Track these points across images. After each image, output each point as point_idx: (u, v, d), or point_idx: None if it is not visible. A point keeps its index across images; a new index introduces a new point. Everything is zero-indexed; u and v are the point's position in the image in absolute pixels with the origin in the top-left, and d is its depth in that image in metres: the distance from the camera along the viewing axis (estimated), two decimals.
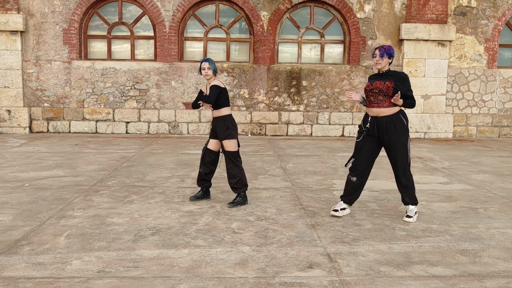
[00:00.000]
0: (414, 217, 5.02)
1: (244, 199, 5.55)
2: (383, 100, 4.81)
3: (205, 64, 5.47)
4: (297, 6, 11.92)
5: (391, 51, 4.85)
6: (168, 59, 11.73)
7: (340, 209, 5.14)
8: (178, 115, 11.85)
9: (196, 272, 3.65)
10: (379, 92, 4.79)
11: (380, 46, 4.90)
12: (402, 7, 11.90)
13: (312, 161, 8.50)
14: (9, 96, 11.54)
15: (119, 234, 4.48)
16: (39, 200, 5.60)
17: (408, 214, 5.04)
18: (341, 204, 5.19)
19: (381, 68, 4.90)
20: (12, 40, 11.39)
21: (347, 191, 5.16)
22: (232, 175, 5.48)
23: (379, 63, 4.86)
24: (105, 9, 11.82)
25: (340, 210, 5.13)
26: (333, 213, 5.12)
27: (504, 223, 5.02)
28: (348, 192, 5.15)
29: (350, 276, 3.61)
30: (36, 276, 3.53)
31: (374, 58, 4.88)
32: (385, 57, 4.83)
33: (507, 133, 12.47)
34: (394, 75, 4.86)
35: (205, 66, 5.47)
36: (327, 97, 11.98)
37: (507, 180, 7.18)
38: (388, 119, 4.82)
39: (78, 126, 11.74)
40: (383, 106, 4.81)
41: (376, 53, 4.86)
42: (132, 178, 6.88)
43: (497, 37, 12.16)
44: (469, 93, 12.28)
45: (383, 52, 4.82)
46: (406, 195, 5.03)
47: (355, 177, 5.07)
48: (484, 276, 3.66)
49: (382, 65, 4.86)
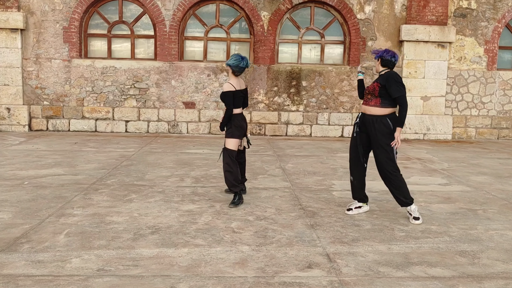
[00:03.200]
0: (420, 217, 5.00)
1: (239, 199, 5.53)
2: (370, 99, 5.03)
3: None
4: (298, 7, 11.93)
5: (381, 53, 5.05)
6: (168, 58, 11.73)
7: (354, 207, 5.31)
8: (177, 114, 11.85)
9: (196, 271, 3.65)
10: (368, 92, 5.05)
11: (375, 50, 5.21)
12: (402, 8, 11.91)
13: (311, 161, 8.51)
14: (9, 94, 11.53)
15: (119, 232, 4.48)
16: (39, 198, 5.60)
17: (414, 216, 5.00)
18: (355, 203, 5.37)
19: (376, 70, 5.17)
20: (12, 38, 11.38)
21: (353, 191, 5.36)
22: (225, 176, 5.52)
23: (375, 66, 5.21)
24: (106, 7, 11.81)
25: (354, 208, 5.30)
26: (347, 212, 5.31)
27: (503, 225, 5.03)
28: (355, 191, 5.34)
29: (349, 276, 3.62)
30: (35, 274, 3.53)
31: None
32: (376, 59, 5.12)
33: (506, 135, 12.49)
34: (384, 76, 4.99)
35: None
36: (327, 98, 11.99)
37: (506, 182, 7.20)
38: (373, 118, 4.97)
39: (78, 124, 11.73)
40: (369, 104, 5.02)
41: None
42: (131, 177, 6.88)
43: (497, 39, 12.18)
44: (468, 94, 12.30)
45: (376, 55, 5.12)
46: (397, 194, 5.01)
47: (352, 177, 5.29)
48: (483, 278, 3.67)
49: (377, 67, 5.14)
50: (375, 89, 4.94)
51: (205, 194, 6.02)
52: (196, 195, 5.96)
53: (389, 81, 4.88)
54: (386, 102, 4.94)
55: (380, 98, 4.93)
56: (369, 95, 5.00)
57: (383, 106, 4.94)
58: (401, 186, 5.00)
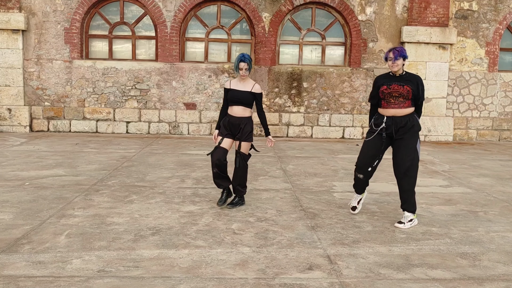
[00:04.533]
0: (406, 224, 4.91)
1: (243, 200, 5.59)
2: (403, 101, 4.88)
3: (244, 65, 5.22)
4: (299, 8, 11.94)
5: (405, 53, 4.87)
6: (169, 59, 11.74)
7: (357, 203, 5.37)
8: (178, 115, 11.85)
9: (196, 272, 3.65)
10: (399, 96, 4.86)
11: (393, 48, 4.88)
12: (403, 9, 11.91)
13: (312, 162, 8.51)
14: (10, 95, 11.54)
15: (119, 233, 4.48)
16: (40, 199, 5.60)
17: (401, 220, 4.98)
18: (355, 198, 5.40)
19: (397, 71, 4.89)
20: (14, 38, 11.40)
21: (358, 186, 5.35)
22: (239, 177, 5.41)
23: (396, 65, 4.85)
24: (107, 8, 11.83)
25: (357, 204, 5.37)
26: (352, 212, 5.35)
27: (504, 227, 5.02)
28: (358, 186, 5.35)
29: (350, 278, 3.62)
30: (36, 274, 3.53)
31: (390, 61, 4.85)
32: (399, 59, 4.83)
33: (507, 136, 12.48)
34: (411, 79, 4.88)
35: (244, 67, 5.22)
36: (328, 99, 11.99)
37: (507, 183, 7.19)
38: (406, 119, 4.89)
39: (79, 125, 11.74)
40: (403, 107, 4.88)
41: (390, 56, 4.84)
42: (132, 178, 6.88)
43: (498, 41, 12.18)
44: (469, 96, 12.29)
45: (397, 54, 4.81)
46: (405, 198, 4.97)
47: (361, 175, 5.18)
48: (484, 280, 3.66)
49: (399, 67, 4.86)
50: (409, 93, 4.84)
51: (206, 195, 6.02)
52: (197, 196, 5.96)
53: (419, 85, 4.88)
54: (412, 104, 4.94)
55: (411, 101, 4.91)
56: (401, 98, 4.85)
57: (411, 107, 4.93)
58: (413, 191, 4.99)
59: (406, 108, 4.88)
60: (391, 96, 4.89)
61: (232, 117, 5.36)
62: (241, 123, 5.32)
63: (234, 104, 5.33)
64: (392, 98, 4.89)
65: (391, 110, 4.91)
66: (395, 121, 4.90)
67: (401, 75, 4.91)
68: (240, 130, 5.33)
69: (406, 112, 4.89)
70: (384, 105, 4.96)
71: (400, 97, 4.86)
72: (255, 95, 5.33)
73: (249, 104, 5.34)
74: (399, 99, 4.87)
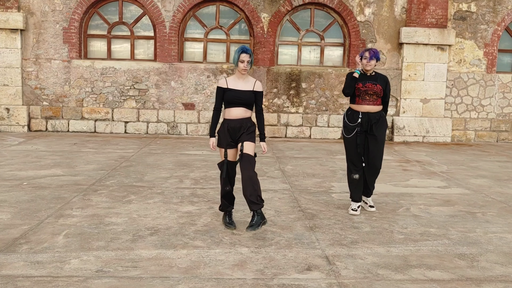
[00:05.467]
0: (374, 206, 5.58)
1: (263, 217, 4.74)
2: (376, 99, 5.34)
3: (246, 57, 4.59)
4: (298, 9, 11.94)
5: (378, 55, 5.31)
6: (168, 60, 11.73)
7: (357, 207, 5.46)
8: (177, 115, 11.85)
9: (195, 272, 3.65)
10: (374, 94, 5.31)
11: (369, 48, 5.36)
12: (402, 11, 11.92)
13: (310, 163, 8.51)
14: (8, 94, 11.52)
15: (118, 234, 4.48)
16: (38, 199, 5.60)
17: (370, 204, 5.56)
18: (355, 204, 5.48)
19: (369, 70, 5.31)
20: (12, 38, 11.38)
21: (354, 190, 5.46)
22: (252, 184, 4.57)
23: (369, 65, 5.28)
24: (106, 8, 11.82)
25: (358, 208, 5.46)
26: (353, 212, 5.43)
27: (501, 228, 5.03)
28: (355, 191, 5.45)
29: (348, 279, 3.62)
30: (34, 274, 3.53)
31: (365, 60, 5.27)
32: (373, 60, 5.27)
33: (505, 137, 12.50)
34: (381, 79, 5.38)
35: (246, 59, 4.59)
36: (326, 100, 12.00)
37: (505, 184, 7.20)
38: (378, 115, 5.37)
39: (77, 125, 11.73)
40: (376, 104, 5.35)
41: (366, 55, 5.26)
42: (130, 178, 6.87)
43: (496, 42, 12.20)
44: (468, 97, 12.31)
45: (372, 55, 5.25)
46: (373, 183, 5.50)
47: (357, 174, 5.39)
48: (482, 281, 3.67)
49: (372, 66, 5.29)
50: (382, 91, 5.32)
51: (204, 195, 6.02)
52: (195, 196, 5.96)
53: (388, 85, 5.40)
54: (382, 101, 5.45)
55: (380, 98, 5.39)
56: (374, 95, 5.31)
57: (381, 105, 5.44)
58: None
59: (378, 105, 5.36)
60: (366, 93, 5.30)
61: (232, 121, 4.68)
62: (242, 125, 4.70)
63: (234, 106, 4.67)
64: (367, 96, 5.30)
65: (366, 107, 5.33)
66: (369, 117, 5.32)
67: (371, 75, 5.36)
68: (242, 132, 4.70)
69: (378, 109, 5.37)
70: (359, 101, 5.35)
71: (374, 95, 5.31)
72: (256, 94, 4.75)
73: (251, 105, 4.75)
74: (373, 97, 5.31)
